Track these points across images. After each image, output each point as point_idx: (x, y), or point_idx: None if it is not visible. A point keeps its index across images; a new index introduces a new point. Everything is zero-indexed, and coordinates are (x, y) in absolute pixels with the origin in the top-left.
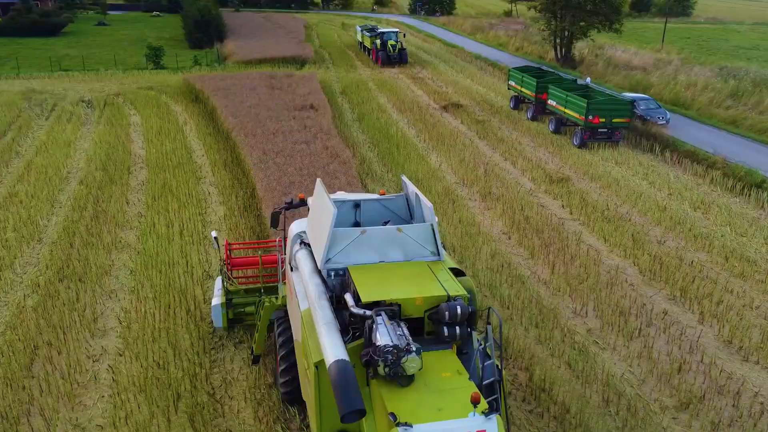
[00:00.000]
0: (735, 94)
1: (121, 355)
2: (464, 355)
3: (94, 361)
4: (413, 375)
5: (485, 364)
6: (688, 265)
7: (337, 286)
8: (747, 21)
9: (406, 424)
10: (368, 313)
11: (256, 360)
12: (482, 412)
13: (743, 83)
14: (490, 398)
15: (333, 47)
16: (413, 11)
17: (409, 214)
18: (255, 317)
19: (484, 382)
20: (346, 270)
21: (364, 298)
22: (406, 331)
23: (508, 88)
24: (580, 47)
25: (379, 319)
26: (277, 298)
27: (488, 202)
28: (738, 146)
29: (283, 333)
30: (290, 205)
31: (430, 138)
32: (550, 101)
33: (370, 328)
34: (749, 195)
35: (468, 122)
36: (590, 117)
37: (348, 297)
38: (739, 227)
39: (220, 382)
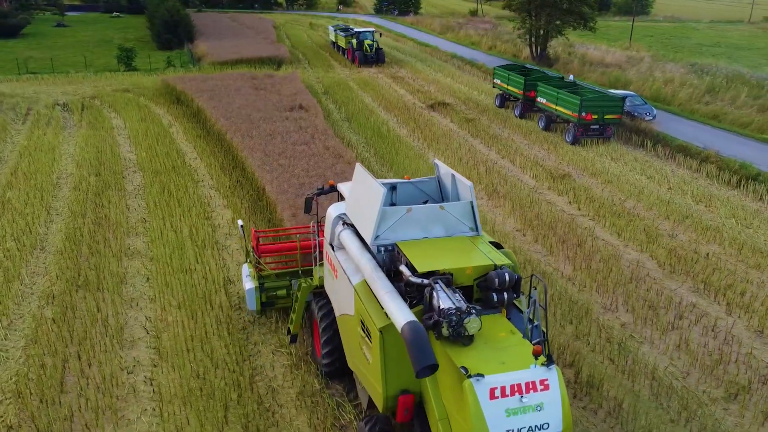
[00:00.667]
0: (711, 90)
1: (155, 366)
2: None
3: (128, 373)
4: (473, 335)
5: (532, 326)
6: (704, 258)
7: (387, 260)
8: (704, 19)
9: (478, 374)
10: (426, 281)
11: (293, 339)
12: (542, 364)
13: (717, 79)
14: None
15: (305, 47)
16: (379, 11)
17: (440, 196)
18: (291, 299)
19: (532, 343)
20: (394, 245)
21: (420, 269)
22: (462, 297)
23: (493, 86)
24: (555, 45)
25: (437, 286)
26: (312, 279)
27: (495, 200)
28: (724, 140)
29: (325, 313)
30: (322, 191)
31: (423, 137)
32: (539, 99)
33: (430, 295)
34: (746, 187)
35: (458, 121)
36: (583, 114)
37: (404, 268)
38: (743, 219)
39: (265, 390)
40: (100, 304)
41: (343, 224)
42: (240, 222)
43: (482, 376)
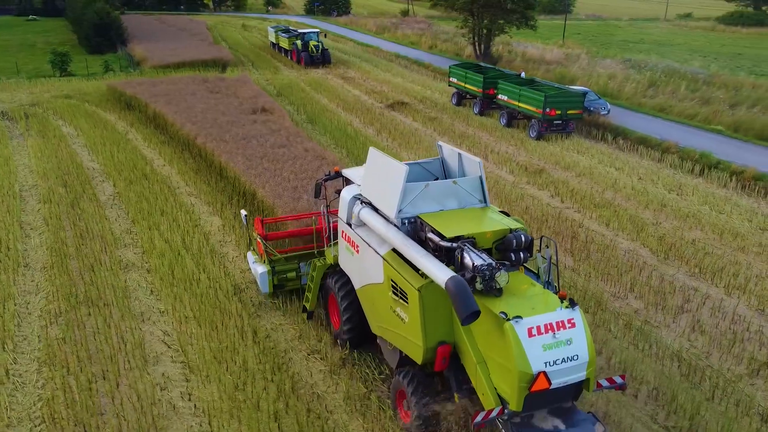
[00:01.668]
0: (653, 84)
1: (188, 381)
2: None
3: (162, 390)
4: (502, 288)
5: (547, 279)
6: (691, 244)
7: (410, 231)
8: (624, 17)
9: (516, 317)
10: (455, 245)
11: (310, 316)
12: (567, 306)
13: (656, 74)
14: None
15: (244, 49)
16: (310, 12)
17: (444, 174)
18: (299, 281)
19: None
20: (416, 217)
21: (448, 234)
22: (488, 256)
23: (449, 85)
24: (496, 44)
25: (466, 248)
26: (325, 258)
27: None
28: (677, 131)
29: (343, 287)
30: (329, 177)
31: (391, 137)
32: (500, 96)
33: (461, 255)
34: (709, 176)
35: (420, 120)
36: (548, 110)
37: (432, 236)
38: (715, 206)
39: (310, 396)
40: (109, 320)
41: (361, 203)
42: (243, 212)
43: (521, 318)
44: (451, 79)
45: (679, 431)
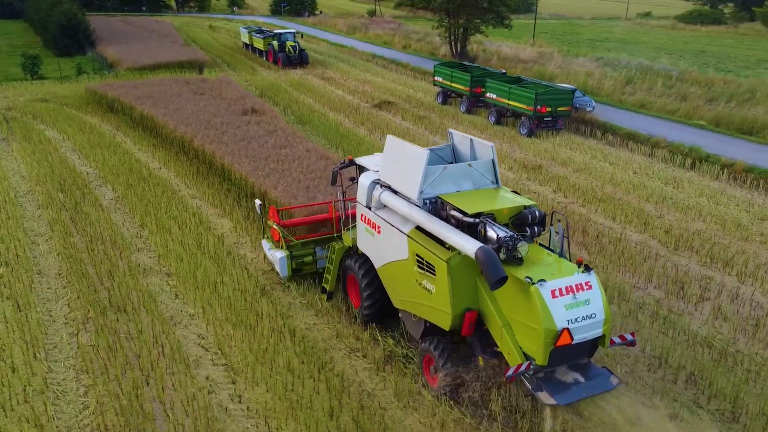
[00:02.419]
0: (630, 82)
1: (234, 383)
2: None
3: (209, 393)
4: (522, 257)
5: (560, 251)
6: (697, 235)
7: (431, 210)
8: (586, 16)
9: (541, 281)
10: (477, 220)
11: (329, 296)
12: (583, 271)
13: (631, 71)
14: None
15: (215, 50)
16: (276, 12)
17: (454, 159)
18: (315, 265)
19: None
20: (437, 198)
21: (470, 211)
22: (508, 230)
23: (434, 84)
24: (472, 43)
25: (488, 223)
26: (342, 242)
27: None
28: (661, 126)
29: (362, 267)
30: (344, 165)
31: (384, 136)
32: (489, 94)
33: (484, 229)
34: (700, 169)
35: (411, 119)
36: (539, 107)
37: (455, 213)
38: (711, 197)
39: (360, 394)
40: (140, 325)
41: (380, 187)
42: (258, 201)
43: (545, 281)
44: (435, 78)
45: (723, 414)
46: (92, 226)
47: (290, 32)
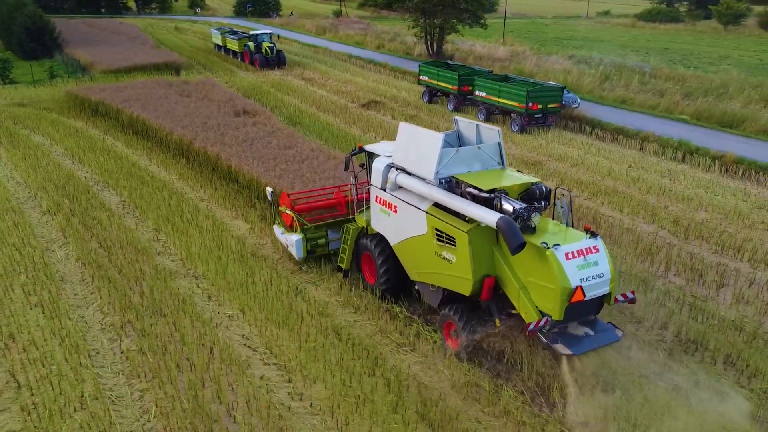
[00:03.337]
0: (607, 78)
1: (290, 382)
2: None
3: (267, 392)
4: (535, 227)
5: (566, 222)
6: (702, 224)
7: (446, 189)
8: (548, 15)
9: (555, 245)
10: (493, 195)
11: (346, 274)
12: (590, 236)
13: (607, 69)
14: None
15: (186, 51)
16: (241, 13)
17: (459, 144)
18: (327, 247)
19: None
20: (452, 177)
21: (486, 188)
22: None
23: (419, 83)
24: (447, 42)
25: (502, 197)
26: (356, 223)
27: None
28: (645, 121)
29: (378, 245)
30: (355, 152)
31: (379, 135)
32: (477, 92)
33: (500, 203)
34: (692, 161)
35: (401, 117)
36: (530, 104)
37: (471, 189)
38: (708, 188)
39: (417, 388)
40: (181, 328)
41: (395, 170)
42: (270, 189)
43: (559, 245)
44: (421, 77)
45: (765, 392)
46: (106, 231)
47: (266, 33)
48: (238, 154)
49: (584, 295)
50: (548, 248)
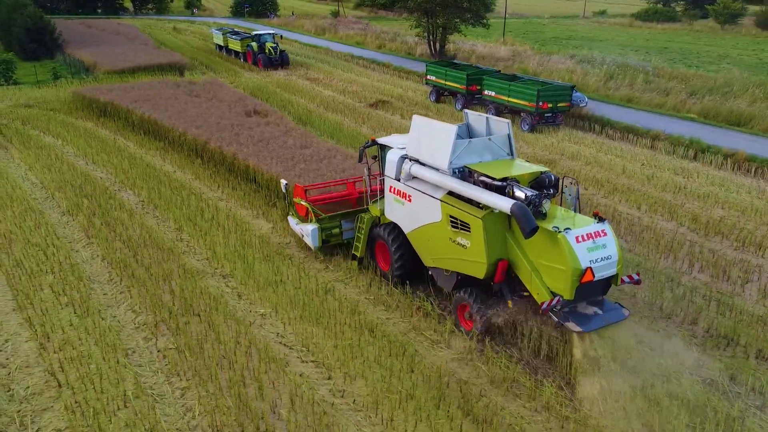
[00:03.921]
0: (611, 78)
1: (330, 379)
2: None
3: (308, 389)
4: (546, 213)
5: (574, 207)
6: (721, 221)
7: (459, 178)
8: (544, 15)
9: (567, 228)
10: (505, 183)
11: (360, 261)
12: (599, 221)
13: (611, 68)
14: None
15: (188, 52)
16: (239, 14)
17: (469, 136)
18: (341, 236)
19: None
20: (464, 167)
21: (498, 176)
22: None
23: (426, 83)
24: (449, 41)
25: (514, 185)
26: (370, 213)
27: None
28: (654, 120)
29: (392, 233)
30: (368, 145)
31: (391, 134)
32: (486, 92)
33: (512, 190)
34: (703, 159)
35: (410, 117)
36: (540, 103)
37: (484, 178)
38: (722, 186)
39: (458, 384)
40: (215, 326)
41: (409, 161)
42: (284, 181)
43: (570, 229)
44: (428, 77)
45: None
46: (128, 231)
47: (269, 33)
48: (255, 154)
49: (594, 276)
50: (560, 232)
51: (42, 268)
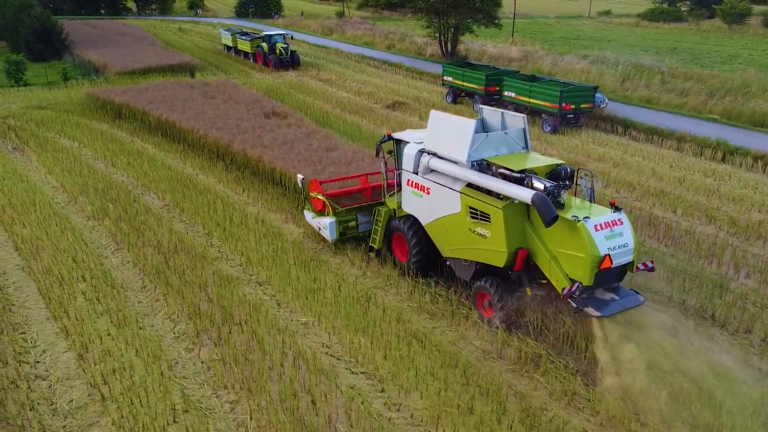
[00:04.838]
0: (628, 78)
1: (383, 392)
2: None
3: (362, 403)
4: (564, 203)
5: (589, 198)
6: (761, 225)
7: (477, 170)
8: (550, 15)
9: (585, 217)
10: (524, 175)
11: (378, 253)
12: (615, 210)
13: (627, 69)
14: None
15: (196, 53)
16: (243, 14)
17: (484, 131)
18: (357, 229)
19: None
20: (482, 160)
21: (517, 168)
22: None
23: (443, 84)
24: (460, 42)
25: (533, 177)
26: (387, 206)
27: None
28: (677, 121)
29: (411, 226)
30: (384, 140)
31: None
32: (507, 93)
33: (531, 182)
34: (732, 161)
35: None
36: (563, 104)
37: (503, 170)
38: (756, 189)
39: (515, 397)
40: (259, 336)
41: (427, 155)
42: (300, 176)
43: (588, 218)
44: (445, 77)
45: None
46: (157, 237)
47: (280, 34)
48: (281, 157)
49: (612, 263)
50: (579, 221)
51: (73, 275)
